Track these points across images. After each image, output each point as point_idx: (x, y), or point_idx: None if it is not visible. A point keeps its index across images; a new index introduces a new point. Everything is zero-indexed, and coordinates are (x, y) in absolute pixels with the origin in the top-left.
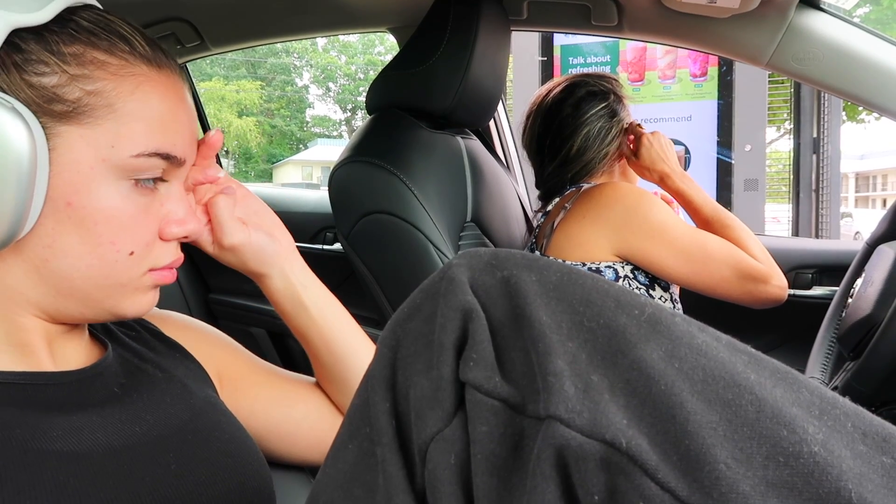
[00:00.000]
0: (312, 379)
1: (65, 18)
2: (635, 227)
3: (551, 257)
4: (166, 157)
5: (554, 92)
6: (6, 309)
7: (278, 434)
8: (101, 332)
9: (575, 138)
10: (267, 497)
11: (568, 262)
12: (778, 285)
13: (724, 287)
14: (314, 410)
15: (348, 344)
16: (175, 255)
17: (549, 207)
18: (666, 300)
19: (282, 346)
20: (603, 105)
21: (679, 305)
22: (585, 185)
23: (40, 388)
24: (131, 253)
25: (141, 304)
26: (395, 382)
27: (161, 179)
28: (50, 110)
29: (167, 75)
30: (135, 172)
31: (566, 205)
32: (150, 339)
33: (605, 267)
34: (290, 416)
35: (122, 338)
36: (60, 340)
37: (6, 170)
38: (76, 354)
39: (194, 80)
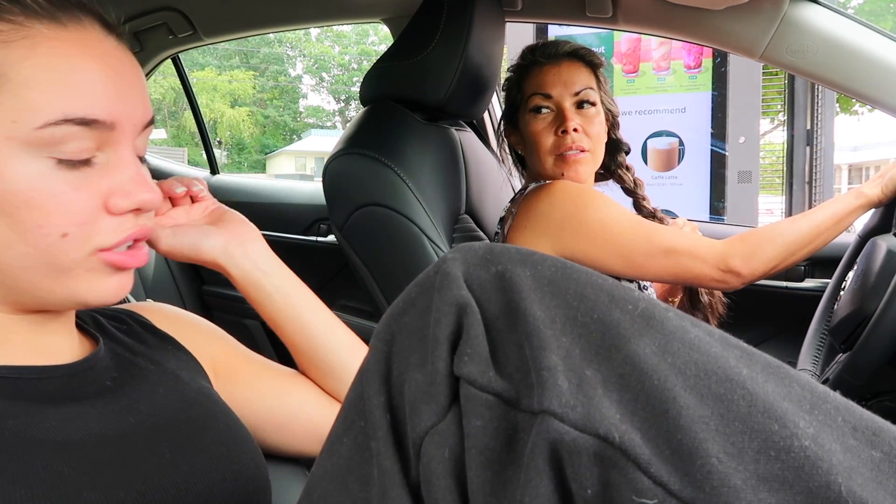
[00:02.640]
0: None
1: None
2: (572, 229)
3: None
4: (83, 123)
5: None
6: None
7: (273, 424)
8: (92, 325)
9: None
10: (262, 485)
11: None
12: (733, 273)
13: (672, 276)
14: (309, 400)
15: (320, 326)
16: (126, 233)
17: (503, 213)
18: (646, 289)
19: (276, 337)
20: (511, 72)
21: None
22: (532, 185)
23: (31, 381)
24: (64, 235)
25: (102, 290)
26: (390, 377)
27: (96, 148)
28: None
29: (76, 30)
30: (53, 147)
31: (513, 210)
32: (142, 332)
33: None
34: (284, 405)
35: (112, 332)
36: (44, 334)
37: None
38: (65, 349)
39: (186, 70)
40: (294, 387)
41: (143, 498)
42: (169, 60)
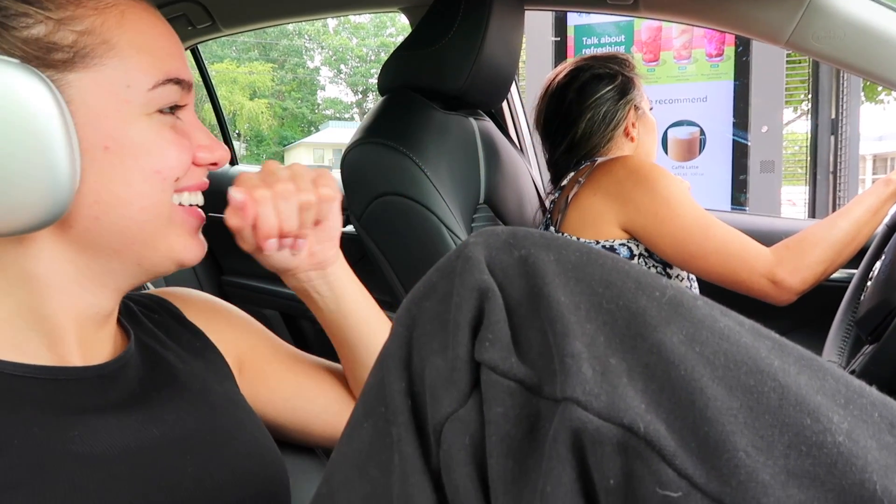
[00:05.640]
0: (337, 366)
1: None
2: (639, 202)
3: (566, 234)
4: (178, 82)
5: (559, 77)
6: (36, 300)
7: (295, 424)
8: (125, 315)
9: (580, 123)
10: (284, 496)
11: (581, 241)
12: (782, 286)
13: (717, 276)
14: (334, 403)
15: (376, 343)
16: (200, 179)
17: (564, 182)
18: (682, 279)
19: (295, 328)
20: (609, 88)
21: (695, 284)
22: (600, 159)
23: (62, 384)
24: (177, 179)
25: (193, 247)
26: (411, 362)
27: (177, 106)
28: (51, 61)
29: (142, 2)
30: (157, 104)
31: (580, 179)
32: (172, 324)
33: (620, 245)
34: (309, 408)
35: (144, 322)
36: (95, 331)
37: (41, 131)
38: (105, 346)
39: (205, 62)
40: (322, 389)
41: None
42: (188, 52)
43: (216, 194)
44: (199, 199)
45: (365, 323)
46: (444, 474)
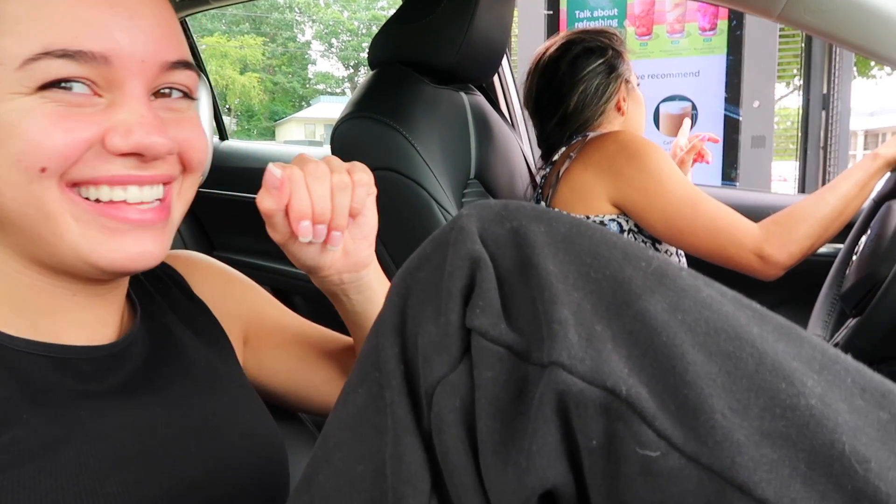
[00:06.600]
0: (342, 337)
1: None
2: (629, 176)
3: (557, 209)
4: (67, 55)
5: (550, 50)
6: (9, 275)
7: (297, 394)
8: (134, 287)
9: (572, 96)
10: (283, 476)
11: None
12: (770, 262)
13: (705, 252)
14: (336, 377)
15: None
16: (113, 172)
17: (555, 157)
18: (671, 254)
19: (288, 302)
20: (600, 61)
21: (683, 259)
22: (591, 134)
23: (72, 362)
24: (42, 169)
25: (108, 251)
26: (405, 329)
27: (93, 83)
28: None
29: None
30: (34, 80)
31: (571, 154)
32: (177, 295)
33: (609, 220)
34: (311, 379)
35: (150, 291)
36: (93, 308)
37: None
38: (109, 324)
39: (195, 36)
40: (325, 362)
41: (168, 494)
42: None
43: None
44: (111, 193)
45: None
46: (434, 436)
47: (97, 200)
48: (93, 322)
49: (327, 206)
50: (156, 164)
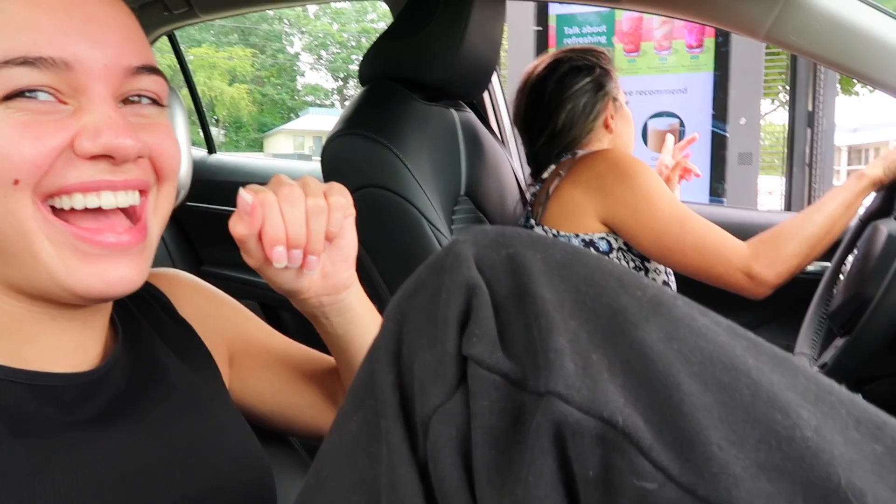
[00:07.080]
0: (327, 358)
1: None
2: (619, 194)
3: (546, 227)
4: (27, 63)
5: (538, 69)
6: None
7: (282, 416)
8: (118, 310)
9: (560, 114)
10: (271, 500)
11: (562, 235)
12: (758, 280)
13: (693, 270)
14: (321, 401)
15: None
16: (86, 179)
17: (545, 175)
18: (660, 273)
19: (276, 317)
20: (588, 80)
21: (672, 278)
22: (581, 152)
23: (51, 391)
24: (16, 182)
25: (84, 276)
26: (400, 356)
27: (56, 91)
28: None
29: None
30: (1, 91)
31: (561, 172)
32: (161, 316)
33: (599, 238)
34: (296, 402)
35: (136, 317)
36: (72, 334)
37: None
38: (91, 349)
39: (183, 47)
40: (310, 385)
41: None
42: (165, 37)
43: (193, 184)
44: (84, 201)
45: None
46: (430, 465)
47: (72, 210)
48: (74, 347)
49: (302, 230)
50: (127, 167)
